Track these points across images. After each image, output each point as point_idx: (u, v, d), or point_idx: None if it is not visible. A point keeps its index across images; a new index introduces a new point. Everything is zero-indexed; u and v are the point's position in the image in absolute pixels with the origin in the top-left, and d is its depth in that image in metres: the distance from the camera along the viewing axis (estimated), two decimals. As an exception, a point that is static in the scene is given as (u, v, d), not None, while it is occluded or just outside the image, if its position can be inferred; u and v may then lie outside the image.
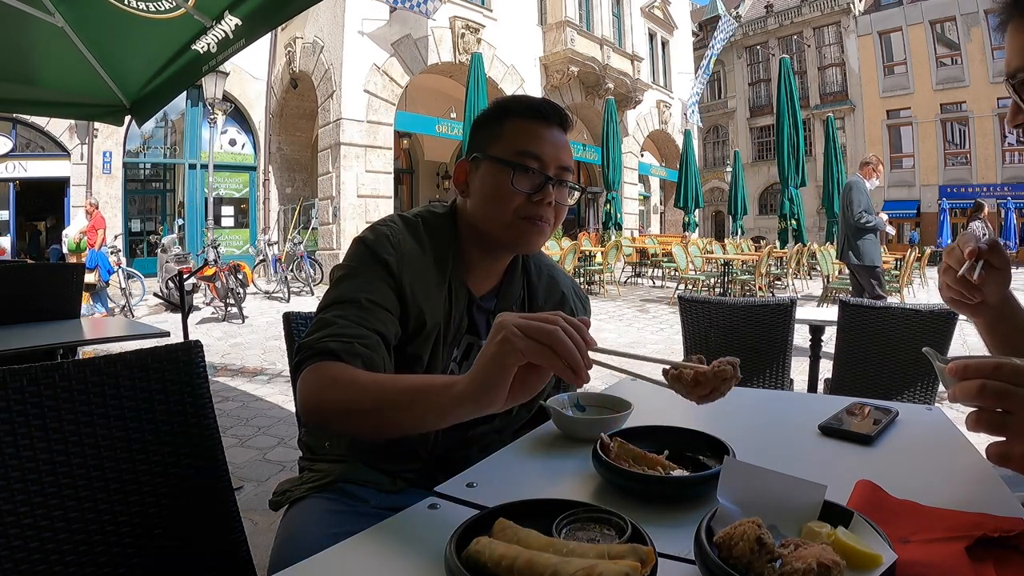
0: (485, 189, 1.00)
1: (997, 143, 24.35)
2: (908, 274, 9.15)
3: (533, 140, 0.99)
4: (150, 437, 0.92)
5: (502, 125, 1.02)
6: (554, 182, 0.99)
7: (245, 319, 7.40)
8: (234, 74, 12.62)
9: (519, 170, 0.97)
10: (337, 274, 0.97)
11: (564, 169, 1.01)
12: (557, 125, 1.03)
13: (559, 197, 1.01)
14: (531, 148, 0.98)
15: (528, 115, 1.01)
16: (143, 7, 2.27)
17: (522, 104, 1.03)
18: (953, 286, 0.87)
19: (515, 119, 1.01)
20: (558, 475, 0.83)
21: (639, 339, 6.50)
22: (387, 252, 0.96)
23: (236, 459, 2.91)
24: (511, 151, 0.98)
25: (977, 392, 0.59)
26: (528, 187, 0.98)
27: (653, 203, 23.84)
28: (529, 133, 1.00)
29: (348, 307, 0.90)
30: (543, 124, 1.01)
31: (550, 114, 1.02)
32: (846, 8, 28.26)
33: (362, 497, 0.97)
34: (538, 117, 1.01)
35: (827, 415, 0.98)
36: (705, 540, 0.52)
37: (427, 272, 0.98)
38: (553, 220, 1.01)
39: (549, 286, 1.12)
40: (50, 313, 2.56)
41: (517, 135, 1.00)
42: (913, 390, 2.13)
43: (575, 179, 1.05)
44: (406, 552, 0.62)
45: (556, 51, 16.06)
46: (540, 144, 0.99)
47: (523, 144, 0.99)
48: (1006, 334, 0.92)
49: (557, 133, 1.02)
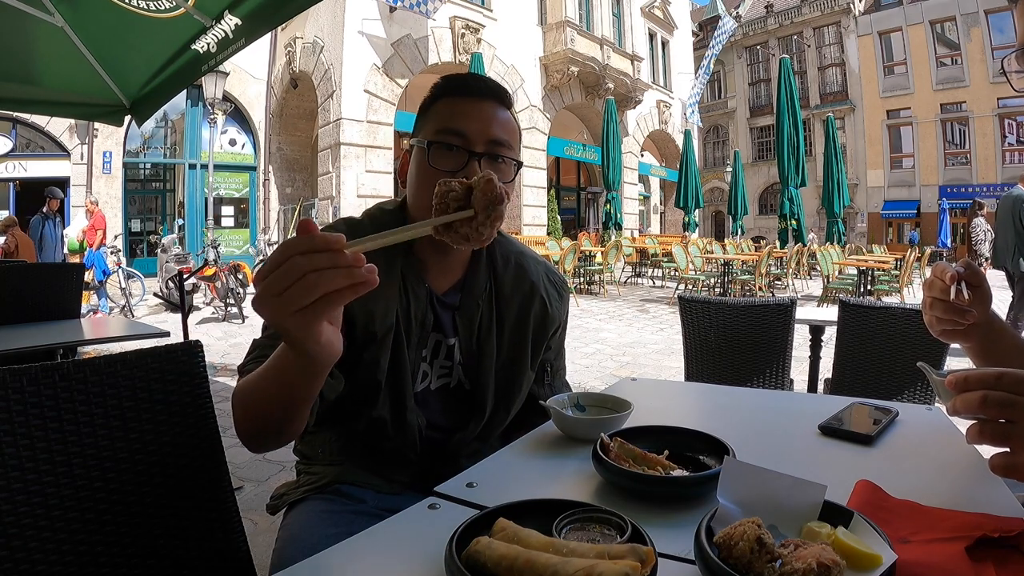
0: (411, 178, 0.96)
1: (997, 143, 24.35)
2: (908, 274, 9.15)
3: (457, 116, 0.93)
4: (150, 437, 0.92)
5: (432, 108, 0.97)
6: (481, 157, 0.92)
7: (245, 319, 7.40)
8: (234, 74, 12.62)
9: (437, 147, 0.92)
10: None
11: (497, 143, 0.94)
12: (490, 98, 0.96)
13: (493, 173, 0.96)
14: (453, 124, 0.92)
15: (455, 92, 0.96)
16: (143, 6, 2.27)
17: (451, 82, 0.97)
18: (943, 316, 0.87)
19: (443, 99, 0.96)
20: (558, 475, 0.83)
21: (639, 339, 6.50)
22: None
23: (236, 459, 2.91)
24: (432, 131, 0.94)
25: (979, 403, 0.59)
26: (449, 165, 0.91)
27: (653, 203, 23.84)
28: (454, 109, 0.94)
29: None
30: (470, 99, 0.95)
31: (480, 87, 0.96)
32: (846, 8, 28.27)
33: (360, 498, 0.97)
34: (465, 92, 0.95)
35: (827, 415, 0.97)
36: (705, 540, 0.52)
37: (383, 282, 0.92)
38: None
39: (517, 276, 1.05)
40: (50, 313, 2.56)
41: (442, 114, 0.95)
42: (913, 390, 2.13)
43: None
44: (406, 552, 0.62)
45: (556, 51, 16.06)
46: (464, 119, 0.93)
47: (445, 121, 0.93)
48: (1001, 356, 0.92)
49: (489, 106, 0.95)
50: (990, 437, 0.59)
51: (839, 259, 10.51)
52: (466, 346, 1.01)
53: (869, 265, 8.93)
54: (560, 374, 1.17)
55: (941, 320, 0.88)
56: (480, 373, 1.01)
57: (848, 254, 12.52)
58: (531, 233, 15.59)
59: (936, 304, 0.87)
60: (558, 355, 1.15)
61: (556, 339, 1.12)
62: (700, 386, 1.68)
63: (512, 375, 1.03)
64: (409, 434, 0.97)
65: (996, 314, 0.92)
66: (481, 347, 1.01)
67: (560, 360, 1.17)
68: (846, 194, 13.41)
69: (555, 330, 1.09)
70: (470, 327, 1.01)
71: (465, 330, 1.01)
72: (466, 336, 1.01)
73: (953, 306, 0.86)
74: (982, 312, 0.88)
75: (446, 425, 1.02)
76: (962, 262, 0.88)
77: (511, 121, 0.97)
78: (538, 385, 1.10)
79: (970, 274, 0.86)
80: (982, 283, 0.87)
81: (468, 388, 1.03)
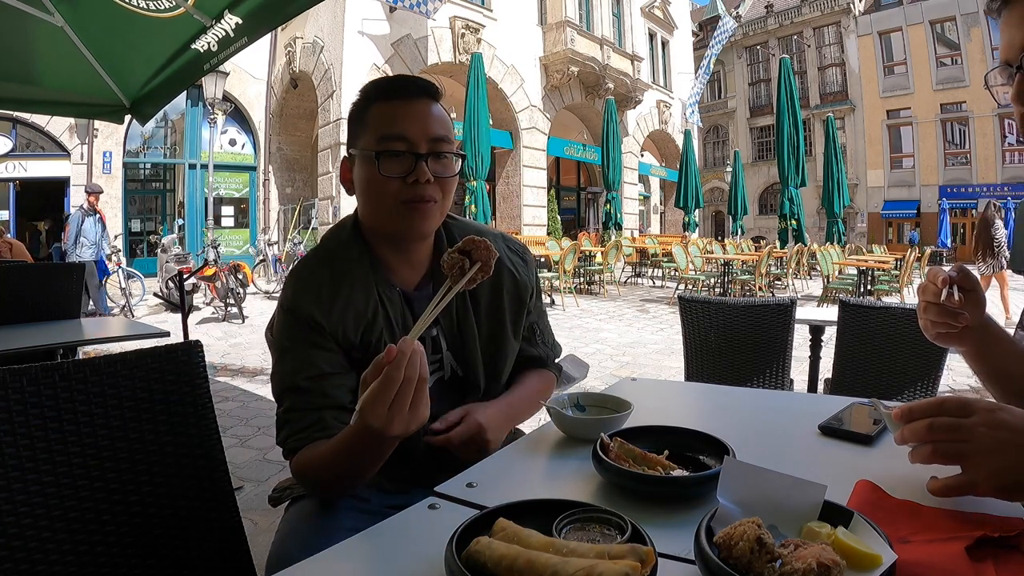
0: (361, 185, 0.98)
1: (997, 143, 24.35)
2: (908, 274, 9.15)
3: (395, 120, 0.95)
4: (150, 437, 0.92)
5: (366, 115, 0.97)
6: (426, 157, 0.94)
7: (245, 319, 7.40)
8: (234, 74, 12.62)
9: (385, 156, 0.93)
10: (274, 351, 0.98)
11: (438, 140, 0.96)
12: (422, 96, 0.97)
13: (439, 170, 0.96)
14: (394, 129, 0.94)
15: (387, 96, 0.97)
16: (143, 6, 2.27)
17: (380, 87, 0.98)
18: (937, 319, 0.89)
19: (376, 105, 0.97)
20: (558, 475, 0.83)
21: (639, 339, 6.50)
22: (308, 307, 0.94)
23: (236, 459, 2.91)
24: (374, 139, 0.95)
25: (926, 430, 0.65)
26: (398, 171, 0.94)
27: (653, 203, 23.85)
28: (390, 114, 0.95)
29: (293, 396, 0.93)
30: (403, 101, 0.96)
31: (410, 88, 0.97)
32: (846, 8, 28.27)
33: (363, 496, 0.97)
34: (398, 95, 0.96)
35: (827, 415, 0.97)
36: (705, 540, 0.52)
37: (352, 295, 0.96)
38: (441, 196, 0.97)
39: None
40: (50, 313, 2.56)
41: (379, 121, 0.96)
42: (913, 390, 2.13)
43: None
44: (406, 552, 0.62)
45: (556, 51, 16.06)
46: (403, 123, 0.94)
47: (386, 128, 0.95)
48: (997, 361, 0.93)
49: (423, 105, 0.97)
50: (943, 456, 0.64)
51: (839, 259, 10.51)
52: (448, 333, 1.05)
53: (869, 265, 8.93)
54: (548, 332, 1.21)
55: (935, 323, 0.90)
56: (466, 355, 1.05)
57: (848, 254, 12.52)
58: (531, 233, 15.59)
59: (930, 308, 0.89)
60: (540, 316, 1.19)
61: (533, 303, 1.16)
62: (700, 386, 1.68)
63: (497, 350, 1.07)
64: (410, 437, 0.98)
65: (991, 319, 0.93)
66: (462, 330, 1.04)
67: (543, 321, 1.20)
68: (846, 194, 13.41)
69: (530, 295, 1.13)
70: (448, 314, 1.04)
71: (445, 316, 1.04)
72: (447, 323, 1.04)
73: (946, 309, 0.87)
74: (976, 316, 0.89)
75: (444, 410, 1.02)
76: (955, 266, 0.90)
77: (444, 114, 0.99)
78: (531, 346, 1.15)
79: (963, 278, 0.88)
80: (975, 287, 0.89)
81: (461, 374, 1.06)
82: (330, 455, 0.85)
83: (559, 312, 8.38)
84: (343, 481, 0.88)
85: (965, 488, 0.62)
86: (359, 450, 0.81)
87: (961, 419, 0.64)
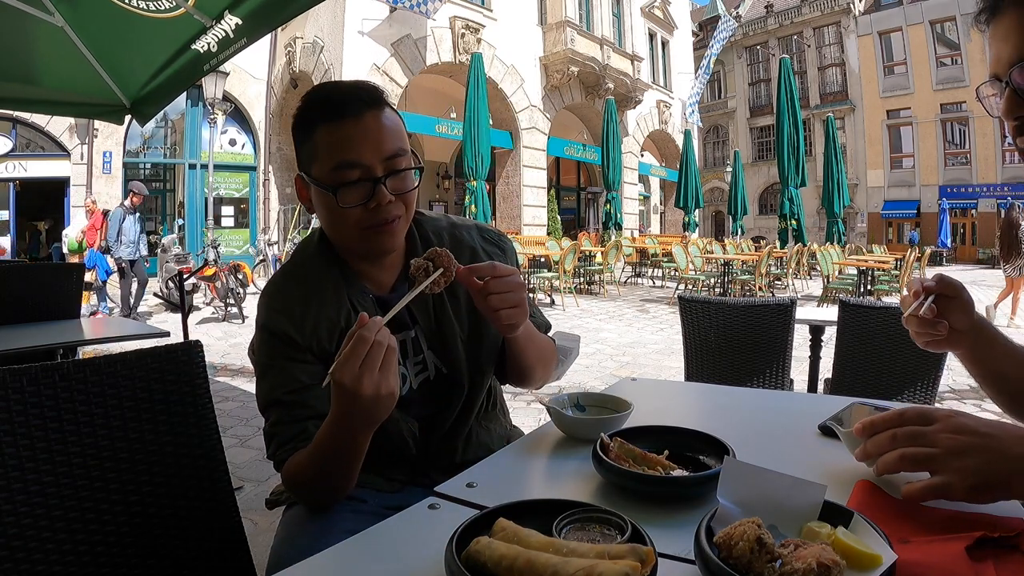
0: (321, 213, 0.96)
1: (997, 143, 24.35)
2: (908, 274, 9.15)
3: (345, 146, 0.90)
4: (150, 437, 0.92)
5: (311, 137, 0.93)
6: (384, 179, 0.91)
7: (245, 319, 7.40)
8: (234, 74, 12.61)
9: (341, 188, 0.90)
10: (256, 368, 0.98)
11: (392, 157, 0.92)
12: (366, 109, 0.91)
13: (399, 186, 0.93)
14: (346, 157, 0.90)
15: (331, 117, 0.91)
16: (143, 6, 2.27)
17: (322, 106, 0.92)
18: (918, 330, 0.90)
19: (320, 127, 0.92)
20: (558, 475, 0.83)
21: (639, 339, 6.50)
22: (281, 325, 0.94)
23: (236, 459, 2.91)
24: (328, 168, 0.91)
25: (889, 441, 0.67)
26: (357, 200, 0.90)
27: (653, 203, 23.85)
28: (339, 140, 0.90)
29: (277, 411, 0.93)
30: (350, 120, 0.90)
31: (353, 104, 0.91)
32: (846, 8, 28.27)
33: (361, 497, 0.97)
34: (342, 114, 0.91)
35: (827, 415, 0.97)
36: (705, 540, 0.52)
37: (322, 307, 0.96)
38: (404, 210, 0.95)
39: (454, 248, 1.03)
40: (50, 313, 2.55)
41: (328, 148, 0.91)
42: (913, 390, 2.13)
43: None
44: (406, 552, 0.62)
45: (556, 51, 16.06)
46: (355, 148, 0.90)
47: (337, 156, 0.90)
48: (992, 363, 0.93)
49: (369, 120, 0.91)
50: (911, 461, 0.65)
51: (839, 259, 10.51)
52: (428, 330, 1.03)
53: (869, 265, 8.94)
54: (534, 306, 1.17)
55: (918, 333, 0.91)
56: (448, 351, 1.03)
57: (848, 254, 12.52)
58: (531, 233, 15.59)
59: (911, 319, 0.90)
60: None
61: None
62: (700, 386, 1.68)
63: (479, 344, 1.05)
64: (401, 438, 0.99)
65: (984, 320, 0.93)
66: (442, 327, 1.03)
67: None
68: (846, 194, 13.41)
69: None
70: (426, 311, 1.03)
71: (423, 315, 1.03)
72: (425, 321, 1.03)
73: (925, 319, 0.88)
74: (964, 321, 0.90)
75: (435, 414, 1.04)
76: (935, 276, 0.90)
77: (393, 120, 0.94)
78: None
79: (942, 286, 0.88)
80: (959, 293, 0.89)
81: (445, 372, 1.05)
82: (313, 451, 0.86)
83: (559, 312, 8.38)
84: (330, 478, 0.87)
85: (940, 490, 0.62)
86: (337, 435, 0.81)
87: (923, 427, 0.66)
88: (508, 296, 0.87)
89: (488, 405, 1.11)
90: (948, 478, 0.62)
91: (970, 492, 0.61)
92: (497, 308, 0.87)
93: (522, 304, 0.89)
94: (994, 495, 0.61)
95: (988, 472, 0.61)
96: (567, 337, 1.22)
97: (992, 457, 0.62)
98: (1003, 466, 0.61)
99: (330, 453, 0.84)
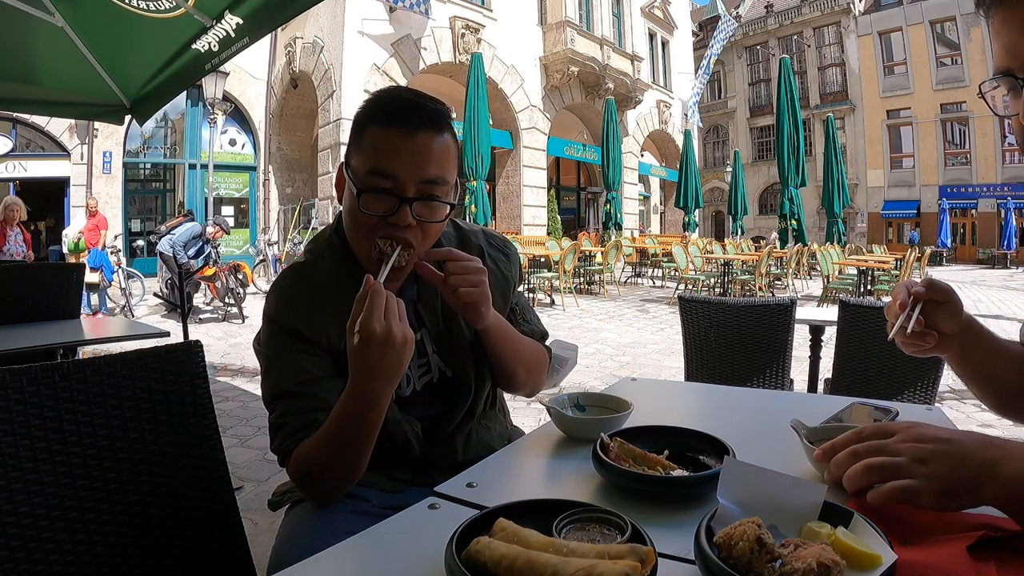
0: (345, 208, 0.95)
1: (997, 143, 24.35)
2: (908, 274, 9.15)
3: (387, 155, 0.88)
4: (150, 437, 0.92)
5: (362, 134, 0.91)
6: (412, 201, 0.89)
7: (245, 319, 7.40)
8: (234, 74, 12.62)
9: (367, 192, 0.89)
10: (262, 360, 0.97)
11: (430, 182, 0.90)
12: (424, 128, 0.89)
13: (424, 214, 0.90)
14: (383, 165, 0.88)
15: (385, 122, 0.89)
16: (143, 6, 2.27)
17: (382, 107, 0.91)
18: (906, 341, 0.87)
19: (373, 127, 0.90)
20: (558, 475, 0.83)
21: (639, 339, 6.50)
22: (291, 321, 0.94)
23: (236, 459, 2.91)
24: (364, 168, 0.89)
25: (850, 458, 0.66)
26: (379, 210, 0.89)
27: (653, 203, 23.85)
28: (384, 146, 0.88)
29: (285, 402, 0.92)
30: (403, 131, 0.88)
31: (413, 119, 0.89)
32: (846, 8, 28.27)
33: (362, 497, 0.97)
34: (398, 123, 0.88)
35: (827, 415, 0.97)
36: (705, 540, 0.52)
37: (333, 307, 0.94)
38: (420, 239, 0.92)
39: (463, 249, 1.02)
40: (50, 313, 2.55)
41: (372, 148, 0.89)
42: (913, 390, 2.13)
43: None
44: (406, 552, 0.62)
45: (556, 51, 16.06)
46: (395, 160, 0.88)
47: (375, 160, 0.89)
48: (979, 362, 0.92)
49: (423, 139, 0.89)
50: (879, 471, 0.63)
51: (839, 259, 10.51)
52: (435, 333, 1.03)
53: (869, 265, 8.94)
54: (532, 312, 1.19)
55: (906, 344, 0.88)
56: (454, 354, 1.03)
57: (848, 254, 12.52)
58: (531, 233, 15.59)
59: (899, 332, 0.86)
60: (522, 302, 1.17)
61: (517, 293, 1.15)
62: (700, 386, 1.68)
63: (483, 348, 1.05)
64: (404, 438, 0.99)
65: (972, 319, 0.90)
66: (449, 330, 1.03)
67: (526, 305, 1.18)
68: (846, 194, 13.41)
69: (512, 288, 1.12)
70: (434, 313, 1.03)
71: (430, 317, 1.03)
72: (432, 323, 1.03)
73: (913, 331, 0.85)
74: (953, 324, 0.87)
75: (439, 415, 1.04)
76: (924, 281, 0.87)
77: (448, 148, 0.92)
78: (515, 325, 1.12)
79: (934, 291, 0.85)
80: (949, 297, 0.86)
81: (450, 375, 1.04)
82: (326, 433, 0.85)
83: (559, 312, 8.38)
84: (342, 462, 0.87)
85: (908, 493, 0.60)
86: (357, 406, 0.82)
87: (884, 440, 0.66)
88: (468, 277, 0.90)
89: (489, 405, 1.11)
90: (916, 483, 0.61)
91: (938, 497, 0.60)
92: (456, 287, 0.89)
93: (481, 286, 0.91)
94: (962, 502, 0.60)
95: (956, 478, 0.60)
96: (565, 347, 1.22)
97: (958, 462, 0.61)
98: (970, 472, 0.60)
99: (347, 431, 0.84)
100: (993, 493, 0.58)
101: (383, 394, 0.82)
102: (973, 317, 0.91)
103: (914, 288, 0.85)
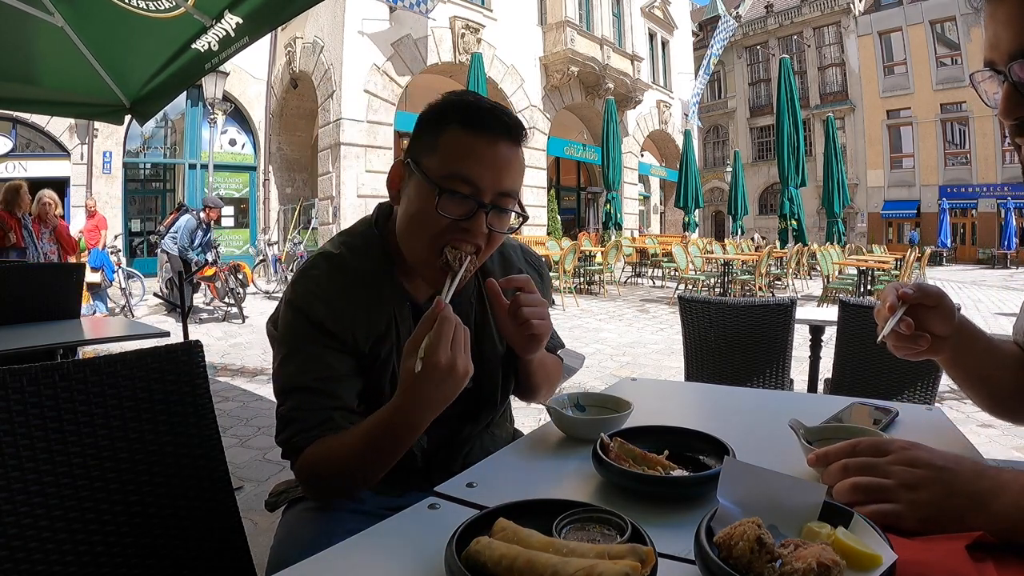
0: (410, 207, 0.90)
1: (997, 143, 24.34)
2: (908, 274, 9.15)
3: (469, 160, 0.86)
4: (150, 437, 0.92)
5: (440, 134, 0.88)
6: (488, 209, 0.87)
7: (245, 319, 7.40)
8: (234, 74, 12.62)
9: (446, 195, 0.86)
10: (279, 347, 0.93)
11: (505, 194, 0.89)
12: (505, 138, 0.88)
13: (495, 224, 0.89)
14: (464, 170, 0.86)
15: (469, 126, 0.87)
16: (143, 6, 2.27)
17: (465, 111, 0.88)
18: (898, 344, 0.87)
19: (454, 129, 0.87)
20: (558, 475, 0.83)
21: (639, 339, 6.50)
22: (318, 312, 0.90)
23: (236, 459, 2.91)
24: (442, 170, 0.86)
25: (840, 472, 0.66)
26: (456, 213, 0.86)
27: (653, 203, 23.84)
28: (466, 150, 0.86)
29: (300, 396, 0.89)
30: (485, 139, 0.87)
31: (496, 126, 0.87)
32: (846, 8, 28.27)
33: (361, 497, 0.97)
34: (481, 129, 0.87)
35: (827, 415, 0.97)
36: (705, 540, 0.52)
37: (365, 307, 0.93)
38: (484, 248, 0.90)
39: (503, 266, 1.05)
40: (50, 313, 2.55)
41: (452, 151, 0.87)
42: (913, 390, 2.13)
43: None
44: (406, 552, 0.62)
45: (556, 51, 16.06)
46: (477, 166, 0.86)
47: (456, 164, 0.86)
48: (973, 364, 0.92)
49: (504, 149, 0.88)
50: (864, 491, 0.64)
51: (839, 259, 10.51)
52: None
53: (869, 265, 8.94)
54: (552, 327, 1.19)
55: (898, 347, 0.87)
56: (485, 366, 1.01)
57: (848, 254, 12.52)
58: (531, 233, 15.59)
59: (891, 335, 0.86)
60: None
61: None
62: (700, 386, 1.68)
63: (510, 363, 1.05)
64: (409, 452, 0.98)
65: (966, 321, 0.90)
66: (481, 343, 1.02)
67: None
68: (846, 194, 13.41)
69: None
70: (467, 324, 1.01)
71: None
72: None
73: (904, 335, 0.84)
74: (946, 327, 0.86)
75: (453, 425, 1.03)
76: (912, 285, 0.86)
77: (522, 163, 0.92)
78: None
79: (923, 296, 0.84)
80: (940, 301, 0.85)
81: (472, 387, 1.02)
82: (358, 439, 0.84)
83: (559, 312, 8.38)
84: (366, 468, 0.86)
85: (890, 517, 0.60)
86: (403, 421, 0.81)
87: (876, 458, 0.66)
88: (538, 310, 0.91)
89: (500, 413, 1.11)
90: (899, 508, 0.61)
91: (920, 523, 0.60)
92: (529, 319, 0.89)
93: (548, 318, 0.93)
94: (944, 529, 0.59)
95: (941, 506, 0.60)
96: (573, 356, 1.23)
97: (946, 491, 0.61)
98: (957, 501, 0.60)
99: (379, 445, 0.83)
100: (982, 524, 0.58)
101: (428, 421, 0.82)
102: (966, 319, 0.91)
103: (901, 290, 0.84)
